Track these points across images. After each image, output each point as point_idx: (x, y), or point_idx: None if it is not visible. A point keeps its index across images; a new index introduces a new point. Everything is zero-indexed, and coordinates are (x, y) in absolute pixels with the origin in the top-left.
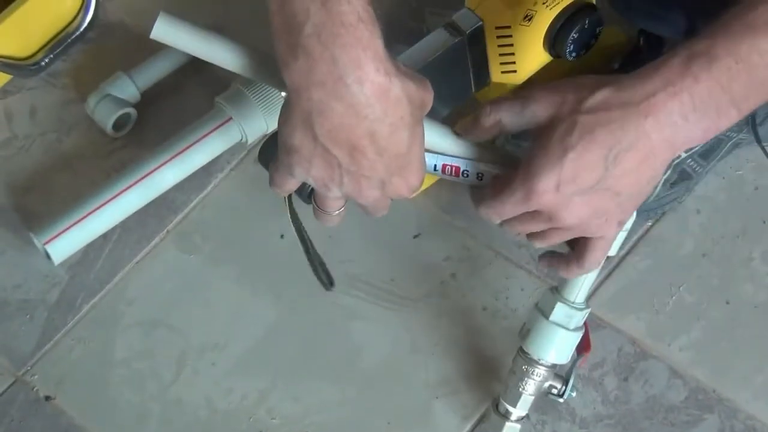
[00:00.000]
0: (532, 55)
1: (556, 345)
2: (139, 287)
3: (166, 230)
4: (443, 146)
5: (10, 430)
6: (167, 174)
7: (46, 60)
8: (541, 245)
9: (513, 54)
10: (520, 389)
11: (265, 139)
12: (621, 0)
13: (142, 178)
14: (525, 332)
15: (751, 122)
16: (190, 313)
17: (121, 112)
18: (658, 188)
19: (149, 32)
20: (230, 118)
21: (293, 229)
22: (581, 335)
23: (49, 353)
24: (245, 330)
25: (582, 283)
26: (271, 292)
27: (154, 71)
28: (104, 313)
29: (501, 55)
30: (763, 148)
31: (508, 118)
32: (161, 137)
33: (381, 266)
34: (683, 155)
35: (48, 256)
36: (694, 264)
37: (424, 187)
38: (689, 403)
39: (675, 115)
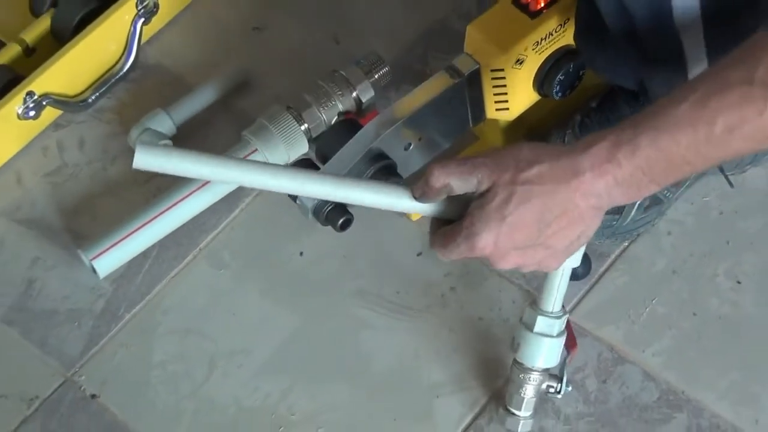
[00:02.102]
0: (523, 95)
1: (544, 352)
2: (175, 299)
3: (198, 248)
4: (401, 206)
5: (60, 424)
6: (200, 199)
7: (93, 97)
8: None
9: (506, 94)
10: (522, 395)
11: None
12: (586, 54)
13: (178, 202)
14: (516, 346)
15: None
16: (219, 322)
17: (159, 143)
18: (633, 212)
19: (181, 70)
20: (255, 150)
21: None
22: (565, 338)
23: (94, 357)
24: (268, 337)
25: (555, 296)
26: (291, 303)
27: (188, 108)
28: (143, 322)
29: (495, 94)
30: (726, 178)
31: (455, 182)
32: None
33: (388, 281)
34: None
35: (94, 271)
36: (665, 280)
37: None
38: (661, 403)
39: (601, 190)
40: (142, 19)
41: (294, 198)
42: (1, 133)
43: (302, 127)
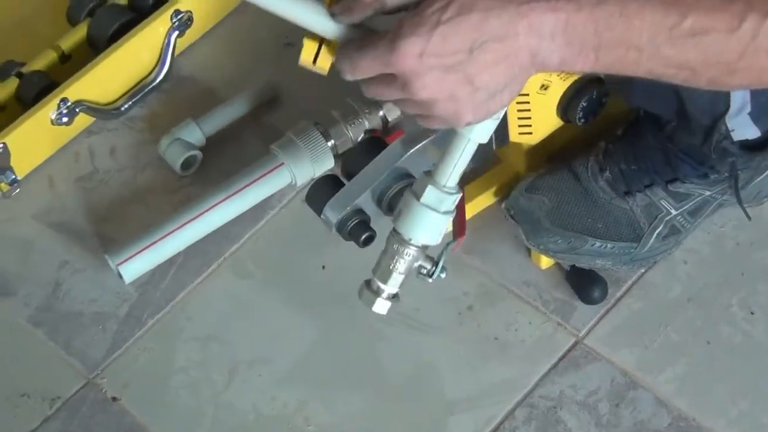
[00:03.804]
0: (546, 120)
1: (425, 226)
2: (198, 306)
3: (223, 257)
4: (317, 26)
5: (81, 425)
6: (226, 209)
7: (126, 106)
8: (398, 107)
9: (530, 118)
10: (391, 267)
11: (312, 183)
12: (621, 79)
13: (205, 211)
14: (397, 213)
15: (734, 185)
16: (241, 330)
17: (188, 154)
18: (651, 240)
19: (212, 83)
20: (282, 163)
21: None
22: (452, 218)
23: (117, 360)
24: (289, 347)
25: (452, 168)
26: (312, 315)
27: (218, 120)
28: (167, 327)
29: (519, 118)
30: (744, 209)
31: None
32: (222, 177)
33: (408, 297)
34: (673, 212)
35: (120, 276)
36: (680, 307)
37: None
38: (672, 429)
39: (546, 28)
40: (177, 32)
41: (318, 212)
42: (34, 138)
43: (329, 143)
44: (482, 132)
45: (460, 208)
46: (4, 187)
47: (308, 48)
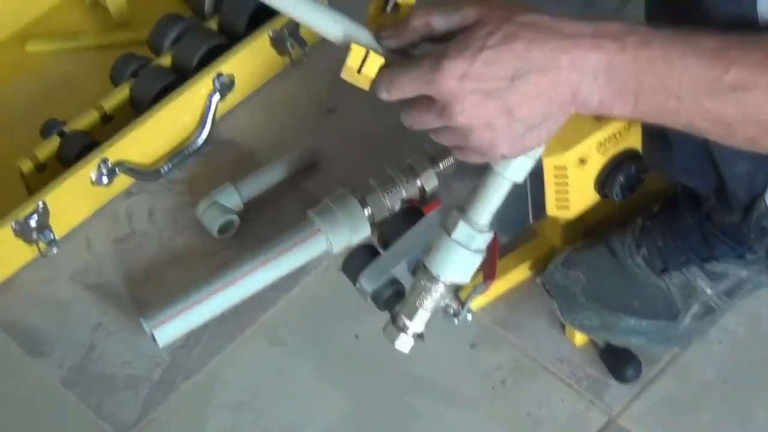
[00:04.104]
0: (583, 195)
1: (455, 264)
2: (231, 372)
3: (256, 323)
4: (359, 40)
5: None
6: (262, 275)
7: (166, 168)
8: (435, 138)
9: (567, 192)
10: (418, 303)
11: (348, 252)
12: (661, 155)
13: (240, 277)
14: (427, 248)
15: None
16: (272, 398)
17: (226, 218)
18: (687, 320)
19: (252, 147)
20: (319, 230)
21: None
22: (482, 259)
23: (148, 424)
24: (320, 417)
25: (486, 206)
26: (344, 385)
27: (257, 185)
28: (199, 393)
29: (557, 192)
30: None
31: (438, 19)
32: (259, 242)
33: (440, 370)
34: (709, 292)
35: (154, 340)
36: (714, 388)
37: (479, 304)
38: None
39: (589, 65)
40: (218, 95)
41: (354, 281)
42: (74, 198)
43: (366, 212)
44: (518, 170)
45: (492, 251)
46: (42, 247)
47: (355, 54)
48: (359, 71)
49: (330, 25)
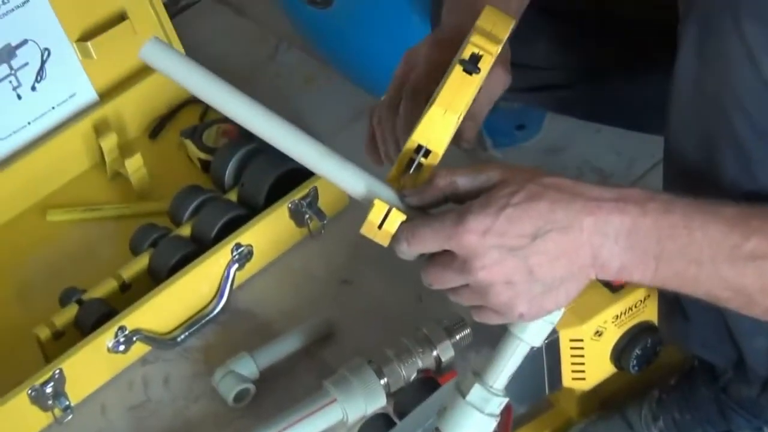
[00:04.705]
0: (599, 367)
1: (468, 426)
2: None
3: None
4: (380, 196)
5: None
6: None
7: (183, 336)
8: (453, 298)
9: (583, 364)
10: None
11: (363, 422)
12: (679, 329)
13: None
14: (441, 410)
15: None
16: None
17: (241, 387)
18: None
19: (268, 317)
20: (334, 400)
21: None
22: (496, 423)
23: None
24: None
25: (502, 369)
26: None
27: (273, 354)
28: None
29: (573, 363)
30: None
31: (462, 179)
32: (275, 411)
33: None
34: None
35: None
36: None
37: None
38: None
39: (611, 228)
40: (236, 265)
41: None
42: (90, 365)
43: (382, 382)
44: (535, 334)
45: (506, 422)
46: (58, 413)
47: (378, 209)
48: (380, 227)
49: (353, 181)
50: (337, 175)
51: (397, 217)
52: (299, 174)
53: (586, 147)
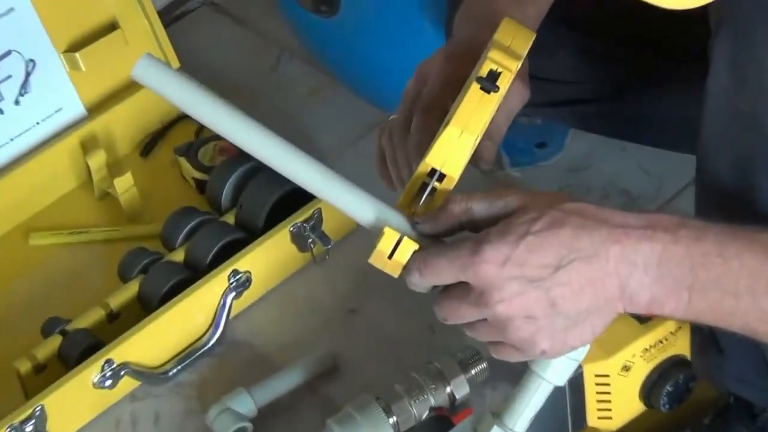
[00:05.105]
0: (627, 405)
1: None
2: None
3: None
4: (391, 224)
5: None
6: None
7: (175, 371)
8: (470, 334)
9: (610, 401)
10: None
11: None
12: (713, 363)
13: None
14: None
15: None
16: None
17: (238, 425)
18: None
19: (268, 349)
20: None
21: None
22: None
23: None
24: None
25: (523, 410)
26: None
27: (272, 390)
28: None
29: (598, 401)
30: None
31: (479, 205)
32: None
33: None
34: None
35: None
36: None
37: None
38: None
39: (639, 257)
40: (233, 293)
41: None
42: (74, 402)
43: (390, 420)
44: (558, 372)
45: None
46: None
47: (388, 238)
48: (390, 257)
49: (361, 207)
50: (343, 201)
51: (408, 247)
52: (302, 195)
53: (611, 166)
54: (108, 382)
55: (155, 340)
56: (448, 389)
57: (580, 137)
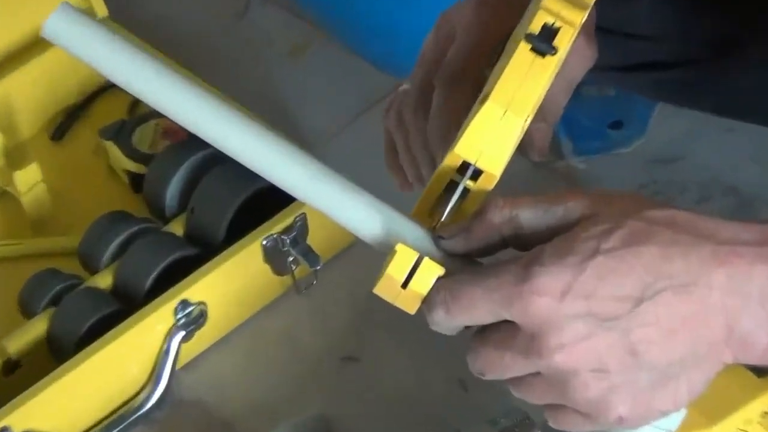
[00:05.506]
0: None
1: None
2: None
3: None
4: (414, 244)
5: None
6: None
7: None
8: (517, 393)
9: None
10: None
11: None
12: None
13: None
14: None
15: None
16: None
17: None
18: None
19: (229, 412)
20: None
21: None
22: None
23: None
24: None
25: None
26: None
27: None
28: None
29: None
30: None
31: (529, 213)
32: None
33: None
34: None
35: None
36: None
37: None
38: None
39: (754, 284)
40: (182, 333)
41: None
42: None
43: None
44: None
45: None
46: None
47: (402, 259)
48: (405, 285)
49: (363, 216)
50: (337, 206)
51: (430, 271)
52: (278, 196)
53: (713, 155)
54: None
55: (69, 400)
56: None
57: (669, 114)
